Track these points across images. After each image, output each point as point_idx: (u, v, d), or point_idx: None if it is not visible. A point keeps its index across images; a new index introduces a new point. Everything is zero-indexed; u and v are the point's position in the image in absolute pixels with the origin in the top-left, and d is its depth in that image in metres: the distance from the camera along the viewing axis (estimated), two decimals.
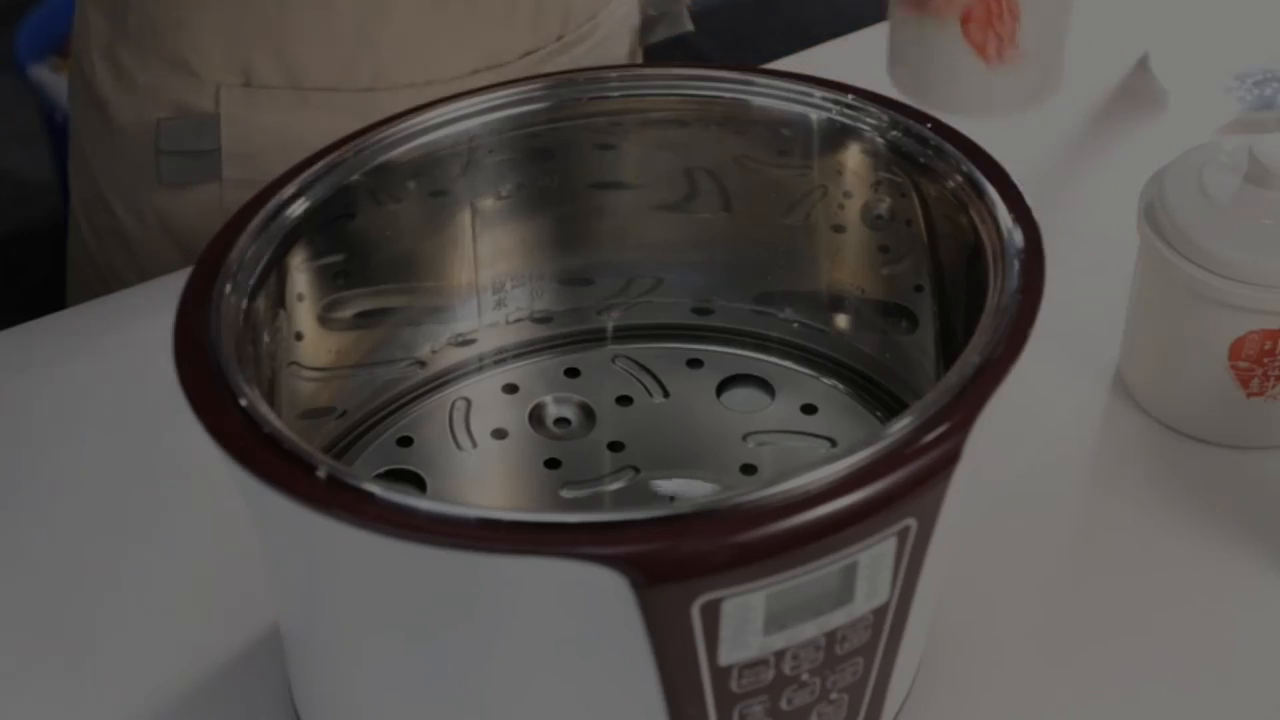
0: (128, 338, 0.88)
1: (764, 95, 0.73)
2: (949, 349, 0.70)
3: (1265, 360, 0.78)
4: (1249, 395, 0.80)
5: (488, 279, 0.76)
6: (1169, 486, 0.81)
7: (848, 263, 0.76)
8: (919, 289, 0.73)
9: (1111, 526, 0.79)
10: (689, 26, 1.09)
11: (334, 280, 0.71)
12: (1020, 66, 0.80)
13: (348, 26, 0.92)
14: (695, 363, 0.79)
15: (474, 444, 0.75)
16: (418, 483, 0.73)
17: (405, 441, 0.75)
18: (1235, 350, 0.79)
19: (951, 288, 0.71)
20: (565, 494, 0.73)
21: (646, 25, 1.09)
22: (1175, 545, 0.78)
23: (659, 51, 1.11)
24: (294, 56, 0.92)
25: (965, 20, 0.78)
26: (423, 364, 0.77)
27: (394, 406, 0.76)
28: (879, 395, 0.77)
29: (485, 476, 0.75)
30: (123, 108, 0.97)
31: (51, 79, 1.94)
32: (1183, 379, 0.82)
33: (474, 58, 0.95)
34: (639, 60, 1.10)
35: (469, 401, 0.77)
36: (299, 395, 0.71)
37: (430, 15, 0.93)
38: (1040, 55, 0.81)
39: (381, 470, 0.74)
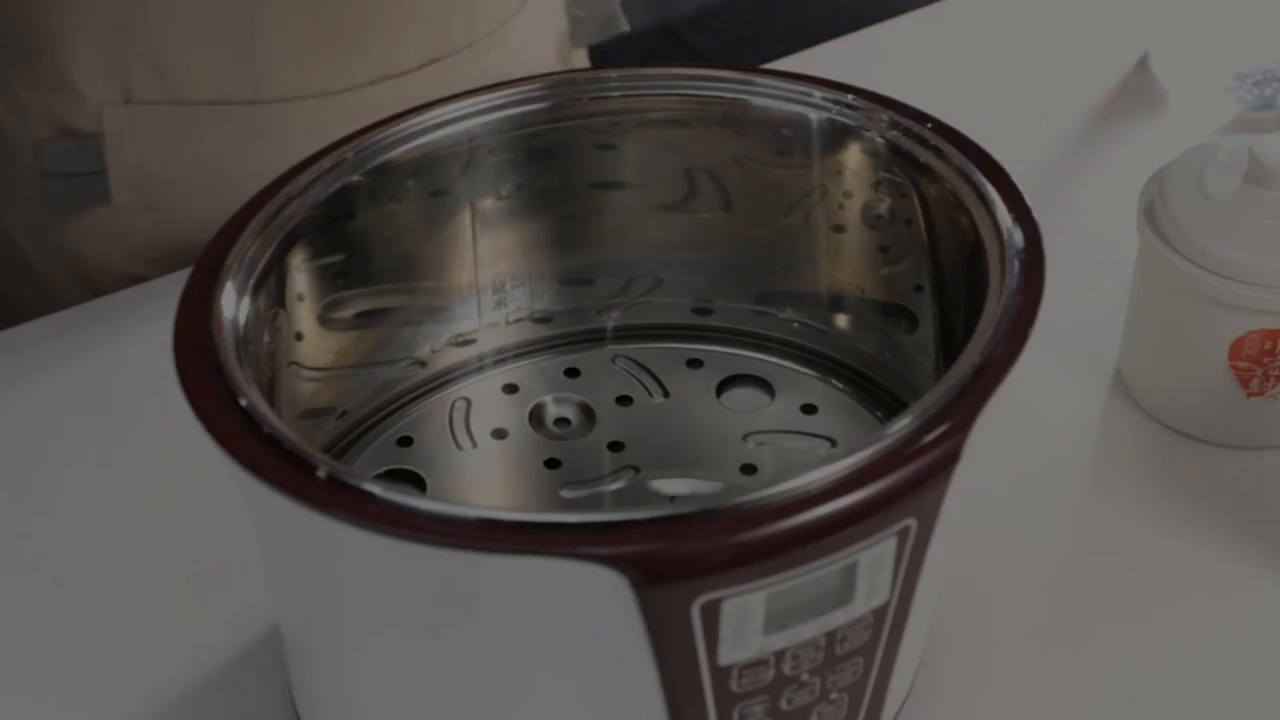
0: (116, 339, 0.88)
1: (764, 95, 0.73)
2: (949, 349, 0.70)
3: (1265, 360, 0.78)
4: (1249, 395, 0.80)
5: (488, 279, 0.76)
6: (1169, 486, 0.81)
7: (848, 263, 0.76)
8: (919, 289, 0.73)
9: (1111, 526, 0.79)
10: (624, 27, 1.07)
11: (334, 280, 0.71)
12: None
13: (223, 34, 0.89)
14: (695, 363, 0.79)
15: (474, 444, 0.75)
16: (418, 483, 0.73)
17: (405, 441, 0.75)
18: (1235, 350, 0.79)
19: (951, 288, 0.71)
20: (565, 494, 0.73)
21: (576, 28, 1.07)
22: (1175, 545, 0.78)
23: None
24: (172, 68, 0.90)
25: None
26: (423, 364, 0.77)
27: (394, 406, 0.76)
28: (879, 395, 0.77)
29: (485, 476, 0.75)
30: (13, 131, 0.94)
31: None
32: (1183, 379, 0.82)
33: (367, 68, 0.92)
34: (571, 64, 1.08)
35: (469, 401, 0.77)
36: (299, 395, 0.71)
37: (309, 21, 0.90)
38: None
39: (381, 470, 0.74)
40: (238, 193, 0.91)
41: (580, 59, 1.10)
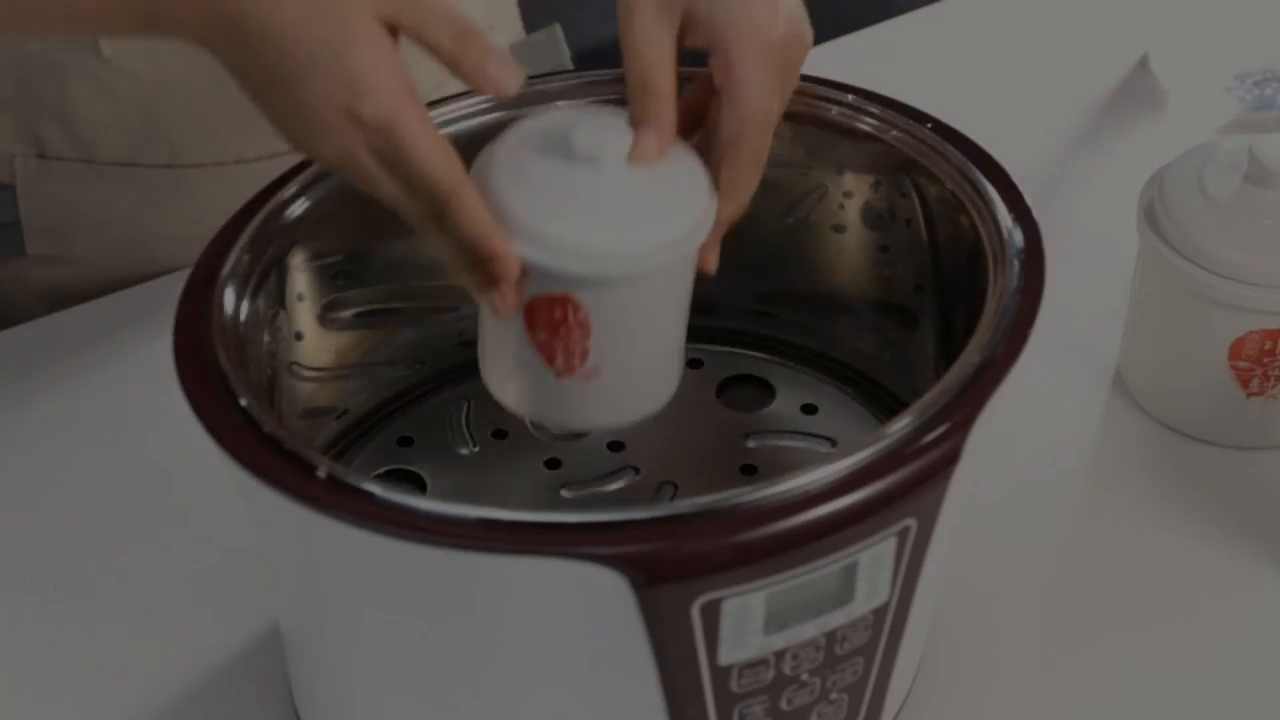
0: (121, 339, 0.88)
1: None
2: (949, 349, 0.70)
3: (1265, 360, 0.78)
4: (1249, 395, 0.80)
5: None
6: (1169, 486, 0.81)
7: (848, 263, 0.76)
8: (919, 289, 0.73)
9: (1111, 526, 0.79)
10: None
11: (334, 280, 0.71)
12: (599, 385, 0.64)
13: (132, 108, 0.88)
14: (695, 363, 0.78)
15: (474, 444, 0.75)
16: (418, 483, 0.73)
17: (405, 441, 0.75)
18: (1235, 350, 0.79)
19: (951, 288, 0.71)
20: (565, 494, 0.73)
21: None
22: (1175, 545, 0.78)
23: None
24: (83, 132, 0.88)
25: (529, 323, 0.62)
26: (422, 363, 0.77)
27: (394, 406, 0.76)
28: (879, 395, 0.76)
29: (485, 476, 0.75)
30: None
31: None
32: (1183, 379, 0.82)
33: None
34: None
35: (469, 401, 0.77)
36: (299, 395, 0.71)
37: (218, 96, 0.85)
38: (626, 374, 0.65)
39: (381, 470, 0.74)
40: (153, 250, 0.90)
41: None
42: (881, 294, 0.75)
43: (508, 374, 0.66)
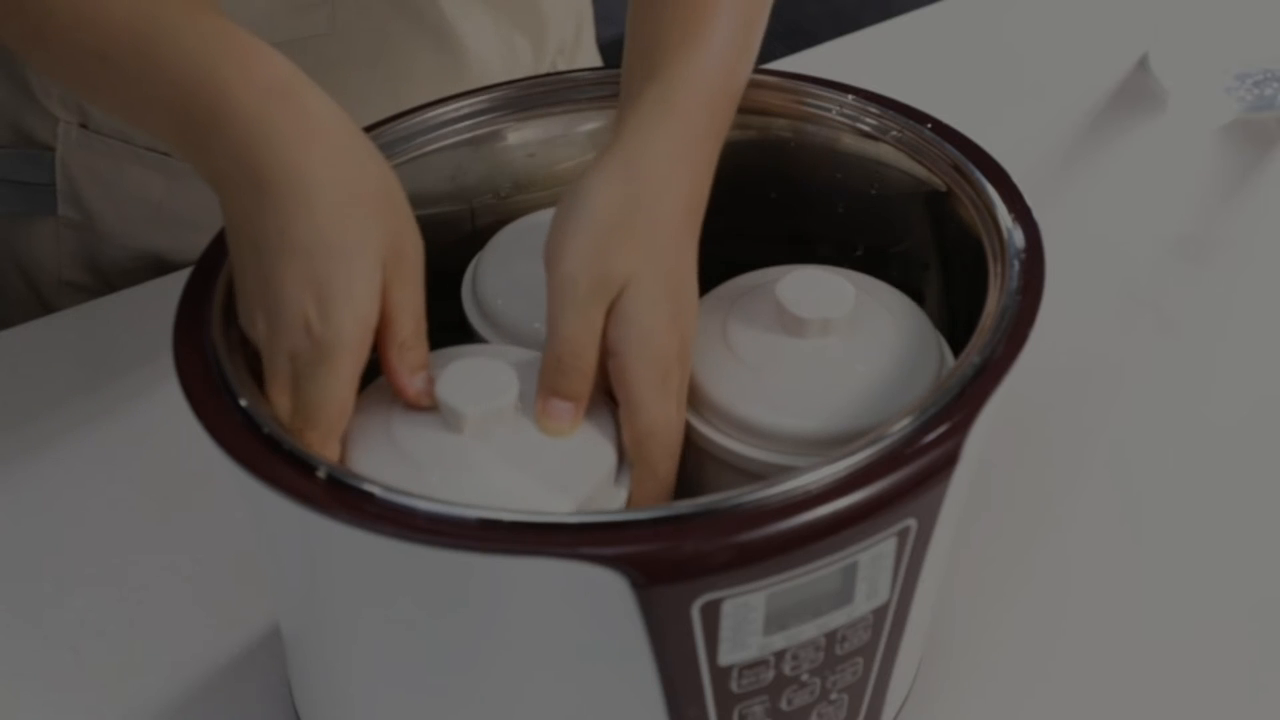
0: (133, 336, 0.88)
1: (764, 96, 0.72)
2: (949, 343, 0.70)
3: None
4: None
5: None
6: (1169, 486, 0.81)
7: (847, 261, 0.76)
8: (921, 279, 0.73)
9: (1112, 526, 0.79)
10: None
11: None
12: None
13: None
14: None
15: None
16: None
17: None
18: None
19: (951, 289, 0.71)
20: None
21: None
22: (1177, 544, 0.78)
23: None
24: None
25: None
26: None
27: None
28: None
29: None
30: None
31: None
32: None
33: None
34: None
35: None
36: None
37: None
38: None
39: None
40: (178, 236, 0.92)
41: None
42: (888, 274, 0.75)
43: None
